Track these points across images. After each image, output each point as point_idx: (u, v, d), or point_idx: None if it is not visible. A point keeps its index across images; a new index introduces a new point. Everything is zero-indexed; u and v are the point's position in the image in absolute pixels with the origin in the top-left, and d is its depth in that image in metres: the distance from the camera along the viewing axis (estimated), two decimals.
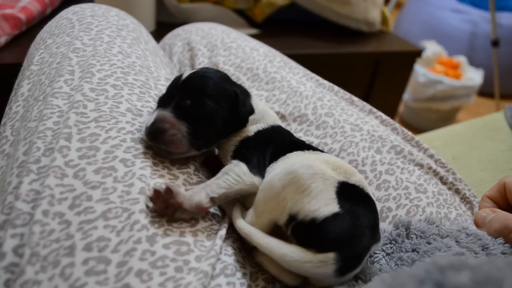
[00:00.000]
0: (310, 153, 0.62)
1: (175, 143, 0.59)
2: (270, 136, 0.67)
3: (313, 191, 0.52)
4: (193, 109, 0.61)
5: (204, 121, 0.62)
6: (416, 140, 0.80)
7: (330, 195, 0.53)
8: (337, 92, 0.90)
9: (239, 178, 0.58)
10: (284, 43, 1.55)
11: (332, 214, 0.51)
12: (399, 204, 0.68)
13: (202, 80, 0.63)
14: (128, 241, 0.48)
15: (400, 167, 0.73)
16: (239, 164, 0.60)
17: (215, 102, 0.62)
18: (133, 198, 0.53)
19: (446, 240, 0.60)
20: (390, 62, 1.73)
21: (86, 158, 0.55)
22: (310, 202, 0.51)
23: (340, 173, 0.57)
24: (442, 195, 0.71)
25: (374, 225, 0.55)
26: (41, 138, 0.57)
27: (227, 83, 0.67)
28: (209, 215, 0.59)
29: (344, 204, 0.52)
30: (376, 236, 0.55)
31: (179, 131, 0.59)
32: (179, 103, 0.61)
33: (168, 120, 0.59)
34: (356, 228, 0.52)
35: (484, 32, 2.93)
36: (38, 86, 0.69)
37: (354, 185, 0.57)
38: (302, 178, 0.53)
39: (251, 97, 0.70)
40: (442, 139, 1.18)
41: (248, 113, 0.66)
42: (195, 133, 0.60)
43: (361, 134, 0.78)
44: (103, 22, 0.81)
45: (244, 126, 0.67)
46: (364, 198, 0.57)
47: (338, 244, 0.50)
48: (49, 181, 0.51)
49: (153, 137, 0.59)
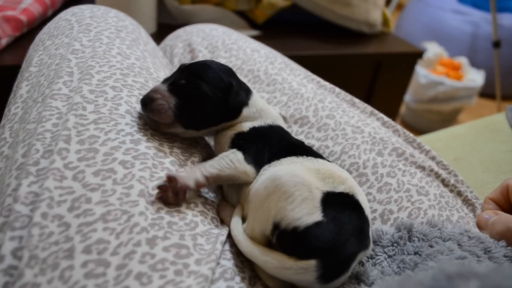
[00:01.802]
0: (304, 160, 0.62)
1: (161, 112, 0.62)
2: (266, 135, 0.67)
3: (297, 199, 0.52)
4: (186, 88, 0.64)
5: (193, 100, 0.64)
6: (417, 142, 0.80)
7: (314, 204, 0.52)
8: (339, 94, 0.89)
9: (232, 163, 0.61)
10: (285, 44, 1.54)
11: (315, 223, 0.51)
12: (400, 207, 0.68)
13: (202, 67, 0.66)
14: (127, 243, 0.48)
15: (402, 170, 0.72)
16: (235, 152, 0.62)
17: (209, 87, 0.65)
18: (133, 201, 0.52)
19: (449, 243, 0.60)
20: (391, 64, 1.72)
21: (85, 160, 0.55)
22: (294, 210, 0.51)
23: (328, 182, 0.57)
24: (444, 198, 0.70)
25: (361, 232, 0.54)
26: (40, 140, 0.57)
27: (227, 74, 0.68)
28: (208, 219, 0.59)
29: (329, 212, 0.52)
30: (364, 243, 0.54)
31: (167, 103, 0.62)
32: (175, 81, 0.65)
33: (160, 92, 0.63)
34: (339, 236, 0.51)
35: (485, 33, 2.93)
36: (37, 87, 0.68)
37: (341, 193, 0.56)
38: (286, 185, 0.53)
39: (252, 94, 0.70)
40: (443, 140, 1.17)
41: (238, 103, 0.67)
42: (182, 108, 0.63)
43: (362, 137, 0.78)
44: (102, 23, 0.80)
45: (236, 117, 0.68)
46: (351, 205, 0.56)
47: (320, 252, 0.50)
48: (48, 183, 0.51)
49: (143, 105, 0.63)
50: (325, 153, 0.77)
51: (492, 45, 2.46)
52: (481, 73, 2.55)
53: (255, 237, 0.55)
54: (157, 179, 0.57)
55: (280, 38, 1.60)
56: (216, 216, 0.62)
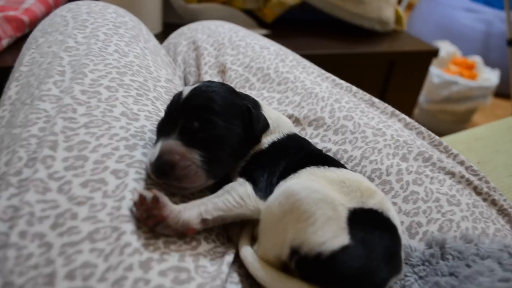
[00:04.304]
0: (325, 170, 0.55)
1: (189, 177, 0.51)
2: (286, 148, 0.60)
3: (319, 220, 0.45)
4: (203, 132, 0.52)
5: (217, 145, 0.54)
6: (444, 145, 0.73)
7: (340, 225, 0.46)
8: (356, 93, 0.82)
9: (242, 201, 0.51)
10: (295, 43, 1.49)
11: (341, 248, 0.44)
12: (430, 219, 0.61)
13: (207, 96, 0.55)
14: (117, 267, 0.42)
15: (429, 176, 0.66)
16: (244, 184, 0.53)
17: (226, 120, 0.54)
18: (124, 215, 0.46)
19: (488, 262, 0.53)
20: (405, 63, 1.68)
21: (73, 170, 0.49)
22: (316, 233, 0.45)
23: (355, 197, 0.50)
24: (478, 208, 0.64)
25: (393, 255, 0.48)
26: (24, 147, 0.51)
27: (236, 96, 0.59)
28: (213, 235, 0.53)
29: (356, 234, 0.46)
30: (396, 267, 0.49)
31: (191, 161, 0.51)
32: (185, 127, 0.53)
33: (177, 150, 0.51)
34: (370, 262, 0.45)
35: (499, 31, 2.88)
36: (26, 88, 0.63)
37: (371, 209, 0.50)
38: (305, 203, 0.46)
39: (261, 107, 0.63)
40: (465, 143, 1.13)
41: (263, 129, 0.60)
42: (210, 160, 0.52)
43: (384, 140, 0.71)
44: (99, 19, 0.76)
45: (259, 142, 0.60)
46: (382, 224, 0.50)
47: (348, 281, 0.44)
48: (28, 196, 0.45)
49: (162, 173, 0.51)
50: (343, 159, 0.71)
51: (506, 43, 2.39)
52: (496, 72, 2.49)
53: (267, 260, 0.49)
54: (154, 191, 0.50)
55: (289, 37, 1.56)
56: (222, 232, 0.55)
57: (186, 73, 0.91)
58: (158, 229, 0.47)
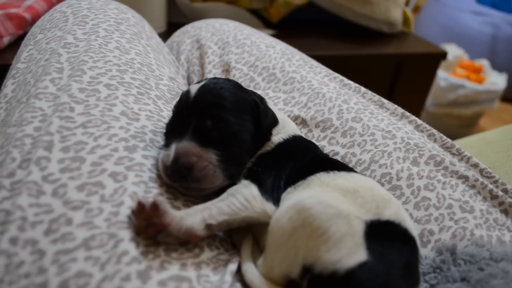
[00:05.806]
0: (336, 176, 0.52)
1: (208, 177, 0.50)
2: (292, 150, 0.58)
3: (333, 237, 0.42)
4: (216, 131, 0.51)
5: (232, 142, 0.52)
6: (456, 148, 0.70)
7: (356, 240, 0.43)
8: (365, 94, 0.80)
9: (248, 203, 0.49)
10: (301, 44, 1.47)
11: (359, 264, 0.41)
12: (442, 227, 0.59)
13: (216, 93, 0.54)
14: (114, 277, 0.40)
15: (442, 181, 0.63)
16: (249, 186, 0.51)
17: (238, 116, 0.53)
18: (122, 221, 0.44)
19: (502, 264, 0.50)
20: (412, 65, 1.65)
21: (69, 172, 0.46)
22: (330, 251, 0.42)
23: (370, 209, 0.47)
24: (492, 214, 0.61)
25: (412, 269, 0.45)
26: (18, 147, 0.49)
27: (243, 91, 0.58)
28: (217, 241, 0.50)
29: (375, 249, 0.43)
30: (416, 281, 0.46)
31: (209, 162, 0.50)
32: (197, 127, 0.51)
33: (193, 151, 0.50)
34: (389, 278, 0.42)
35: (506, 35, 2.86)
36: (23, 86, 0.61)
37: (388, 221, 0.47)
38: (318, 219, 0.43)
39: (268, 102, 0.61)
40: (475, 147, 1.10)
41: (272, 125, 0.57)
42: (226, 159, 0.51)
43: (394, 142, 0.68)
44: (100, 15, 0.73)
45: (268, 140, 0.58)
46: (400, 236, 0.47)
47: None
48: (21, 200, 0.43)
49: (181, 177, 0.49)
50: (352, 162, 0.68)
51: None
52: (503, 76, 2.46)
53: (272, 277, 0.46)
54: (153, 197, 0.48)
55: (295, 37, 1.54)
56: (227, 238, 0.53)
57: (189, 72, 0.88)
58: (159, 238, 0.44)
